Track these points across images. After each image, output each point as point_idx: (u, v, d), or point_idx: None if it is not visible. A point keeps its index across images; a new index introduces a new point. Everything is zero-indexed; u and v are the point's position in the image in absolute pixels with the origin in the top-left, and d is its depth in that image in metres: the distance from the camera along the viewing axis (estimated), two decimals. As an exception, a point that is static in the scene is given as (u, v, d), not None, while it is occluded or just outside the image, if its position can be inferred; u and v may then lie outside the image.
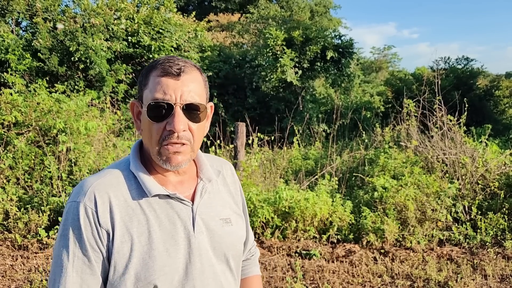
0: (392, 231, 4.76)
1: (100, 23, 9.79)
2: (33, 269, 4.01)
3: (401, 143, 7.19)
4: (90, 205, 1.03)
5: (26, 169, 6.01)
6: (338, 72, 11.11)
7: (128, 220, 1.05)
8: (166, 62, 1.06)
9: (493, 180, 5.73)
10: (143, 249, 1.03)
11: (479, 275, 4.01)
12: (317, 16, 21.44)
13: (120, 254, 1.02)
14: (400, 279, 3.92)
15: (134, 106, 1.15)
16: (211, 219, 1.15)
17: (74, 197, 1.06)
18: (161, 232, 1.06)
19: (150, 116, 1.05)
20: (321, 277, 3.91)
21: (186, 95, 1.05)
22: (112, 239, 1.03)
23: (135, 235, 1.04)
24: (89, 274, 1.02)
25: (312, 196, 4.97)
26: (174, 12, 12.08)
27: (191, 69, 1.09)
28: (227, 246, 1.17)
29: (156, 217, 1.07)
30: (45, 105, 6.58)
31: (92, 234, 1.02)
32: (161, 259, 1.04)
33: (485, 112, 11.98)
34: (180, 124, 1.04)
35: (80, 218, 1.02)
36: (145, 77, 1.09)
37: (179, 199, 1.11)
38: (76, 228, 1.02)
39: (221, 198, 1.23)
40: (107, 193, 1.05)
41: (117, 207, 1.05)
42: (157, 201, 1.09)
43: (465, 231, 4.92)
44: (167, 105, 1.04)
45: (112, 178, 1.09)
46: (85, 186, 1.07)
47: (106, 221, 1.03)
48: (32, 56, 9.10)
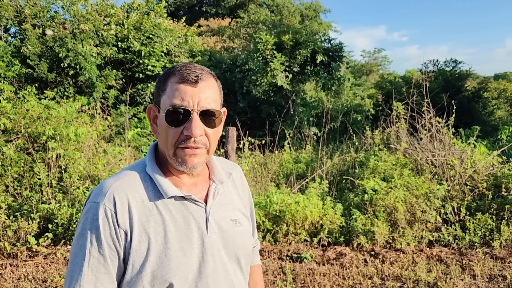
0: (382, 233, 4.79)
1: (89, 29, 9.77)
2: (22, 277, 3.98)
3: (390, 146, 7.25)
4: (109, 206, 1.07)
5: (16, 177, 5.96)
6: (328, 76, 11.18)
7: (145, 220, 1.09)
8: (184, 69, 1.11)
9: (481, 181, 5.80)
10: (159, 248, 1.08)
11: (468, 275, 4.06)
12: (307, 20, 21.58)
13: (138, 253, 1.06)
14: (390, 280, 3.95)
15: (151, 110, 1.19)
16: (222, 220, 1.20)
17: (94, 197, 1.10)
18: (177, 232, 1.11)
19: (168, 121, 1.09)
20: (312, 280, 3.92)
21: (203, 101, 1.09)
22: (130, 239, 1.06)
23: (152, 234, 1.08)
24: (103, 273, 1.06)
25: (302, 199, 5.00)
26: (164, 17, 12.10)
27: (207, 76, 1.13)
28: (238, 246, 1.21)
29: (171, 217, 1.11)
30: (34, 112, 6.55)
31: (110, 234, 1.06)
32: (177, 258, 1.08)
33: (473, 113, 12.12)
34: (197, 130, 1.08)
35: (99, 218, 1.06)
36: (163, 83, 1.12)
37: (194, 200, 1.15)
38: (95, 228, 1.06)
39: (231, 199, 1.27)
40: (125, 195, 1.09)
41: (135, 208, 1.09)
42: (172, 202, 1.13)
43: (454, 232, 4.97)
44: (184, 110, 1.08)
45: (130, 180, 1.13)
46: (104, 187, 1.11)
47: (125, 222, 1.07)
48: (21, 62, 9.05)
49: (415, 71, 15.60)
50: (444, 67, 13.49)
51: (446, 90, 11.91)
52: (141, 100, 10.38)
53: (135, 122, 9.93)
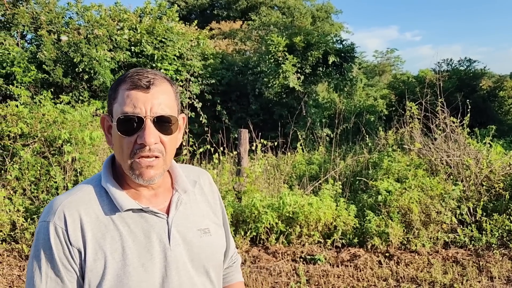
0: (397, 234, 4.75)
1: (103, 34, 9.91)
2: (40, 278, 4.05)
3: (404, 146, 7.19)
4: (60, 224, 1.02)
5: (32, 180, 6.07)
6: (341, 77, 11.14)
7: (100, 237, 1.03)
8: (135, 75, 1.05)
9: (497, 181, 5.71)
10: (117, 265, 1.02)
11: (485, 277, 4.00)
12: (318, 22, 21.55)
13: (93, 272, 1.01)
14: (405, 282, 3.92)
15: (105, 120, 1.13)
16: (188, 230, 1.13)
17: (44, 216, 1.05)
18: (136, 247, 1.05)
19: (120, 130, 1.04)
20: (326, 282, 3.91)
21: (156, 107, 1.04)
22: (85, 257, 1.01)
23: (108, 251, 1.03)
24: None
25: (316, 201, 4.98)
26: (176, 21, 12.20)
27: (161, 81, 1.07)
28: (206, 257, 1.15)
29: (130, 232, 1.06)
30: (50, 116, 6.66)
31: (64, 254, 1.01)
32: (137, 275, 1.03)
33: (489, 113, 11.94)
34: (151, 137, 1.03)
35: (51, 238, 1.01)
36: (114, 90, 1.07)
37: (153, 212, 1.10)
38: (48, 248, 1.01)
39: (199, 208, 1.21)
40: (77, 211, 1.04)
41: (88, 224, 1.03)
42: (130, 216, 1.08)
43: (470, 233, 4.91)
44: (137, 118, 1.02)
45: (82, 195, 1.08)
46: (54, 205, 1.05)
47: (77, 240, 1.02)
48: (37, 68, 9.21)
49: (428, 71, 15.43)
50: (458, 67, 13.34)
51: (460, 89, 11.77)
52: (154, 104, 10.46)
53: (148, 125, 10.01)
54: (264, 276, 4.05)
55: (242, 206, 5.01)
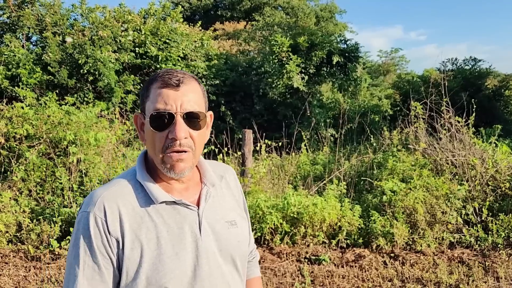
0: (402, 234, 4.73)
1: (108, 35, 9.95)
2: (45, 279, 4.07)
3: (409, 146, 7.16)
4: (99, 215, 1.08)
5: (38, 181, 6.10)
6: (345, 77, 11.12)
7: (137, 227, 1.09)
8: (165, 75, 1.12)
9: (503, 181, 5.68)
10: (152, 254, 1.08)
11: (491, 277, 3.97)
12: (322, 22, 21.51)
13: (131, 260, 1.07)
14: (410, 282, 3.90)
15: (138, 118, 1.21)
16: (216, 222, 1.20)
17: (84, 207, 1.12)
18: (170, 237, 1.11)
19: (153, 126, 1.10)
20: (331, 282, 3.90)
21: (185, 104, 1.10)
22: (122, 246, 1.07)
23: (144, 241, 1.08)
24: (98, 281, 1.07)
25: (320, 201, 4.97)
26: (180, 22, 12.23)
27: (189, 80, 1.14)
28: (233, 248, 1.22)
29: (164, 223, 1.12)
30: (55, 117, 6.70)
31: (102, 242, 1.06)
32: (171, 263, 1.09)
33: (494, 112, 11.87)
34: (182, 132, 1.09)
35: (90, 227, 1.07)
36: (146, 89, 1.15)
37: (185, 204, 1.16)
38: (87, 237, 1.07)
39: (226, 201, 1.28)
40: (116, 203, 1.10)
41: (126, 215, 1.09)
42: (164, 208, 1.14)
43: (476, 233, 4.88)
44: (168, 114, 1.09)
45: (120, 188, 1.14)
46: (94, 196, 1.12)
47: (116, 230, 1.07)
48: (42, 69, 9.27)
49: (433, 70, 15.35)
50: (463, 66, 13.26)
51: (465, 89, 11.71)
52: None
53: (153, 126, 10.04)
54: (269, 277, 4.05)
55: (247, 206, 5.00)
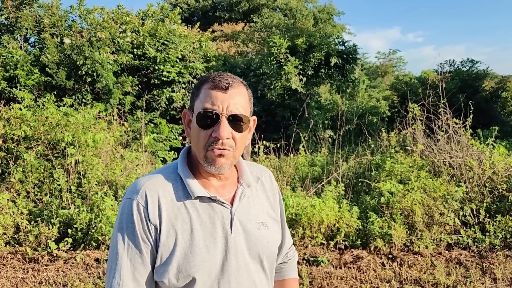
0: (400, 236, 4.75)
1: (106, 36, 9.94)
2: (43, 281, 4.06)
3: (407, 148, 7.18)
4: (142, 202, 1.16)
5: (36, 183, 6.09)
6: (343, 78, 11.13)
7: (173, 217, 1.16)
8: (217, 77, 1.19)
9: (501, 183, 5.70)
10: (185, 244, 1.15)
11: (489, 278, 3.99)
12: (320, 23, 21.55)
13: (165, 247, 1.14)
14: (408, 284, 3.91)
15: (186, 115, 1.28)
16: (248, 222, 1.25)
17: (128, 194, 1.20)
18: (202, 230, 1.17)
19: (199, 124, 1.18)
20: (329, 284, 3.91)
21: (232, 106, 1.17)
22: (159, 233, 1.15)
23: (179, 231, 1.15)
24: (140, 263, 1.15)
25: (318, 202, 4.98)
26: (178, 23, 12.23)
27: (238, 84, 1.21)
28: (262, 248, 1.25)
29: (198, 216, 1.18)
30: (53, 119, 6.69)
31: (143, 228, 1.14)
32: (201, 255, 1.15)
33: (492, 114, 11.91)
34: (225, 132, 1.15)
35: (134, 214, 1.15)
36: (197, 89, 1.22)
37: (220, 201, 1.22)
38: (130, 222, 1.15)
39: (259, 203, 1.32)
40: (156, 193, 1.18)
41: (164, 205, 1.17)
42: (199, 203, 1.20)
43: (474, 235, 4.90)
44: (214, 114, 1.16)
45: (161, 179, 1.21)
46: (138, 185, 1.20)
47: (155, 217, 1.15)
48: (40, 71, 9.25)
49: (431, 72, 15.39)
50: (460, 67, 13.31)
51: (463, 90, 11.75)
52: (157, 106, 10.49)
53: (151, 128, 10.04)
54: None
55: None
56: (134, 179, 6.39)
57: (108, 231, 4.76)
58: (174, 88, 10.70)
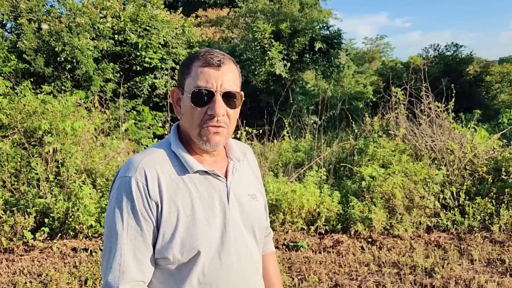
0: (380, 219, 4.75)
1: (85, 22, 9.70)
2: (17, 271, 3.98)
3: (390, 132, 7.18)
4: (141, 180, 1.14)
5: (13, 172, 5.95)
6: (327, 63, 11.06)
7: (173, 193, 1.16)
8: (208, 54, 1.19)
9: (481, 165, 5.73)
10: (187, 218, 1.15)
11: (466, 259, 4.02)
12: (307, 8, 21.32)
13: (168, 223, 1.14)
14: (386, 267, 3.92)
15: (175, 93, 1.27)
16: (241, 194, 1.27)
17: (124, 173, 1.17)
18: (202, 204, 1.18)
19: (193, 102, 1.17)
20: (308, 268, 3.90)
21: (225, 84, 1.18)
22: (161, 210, 1.14)
23: (180, 206, 1.15)
24: (141, 242, 1.13)
25: (299, 188, 4.96)
26: (161, 9, 11.98)
27: (229, 61, 1.22)
28: (254, 219, 1.29)
29: (197, 190, 1.19)
30: (30, 106, 6.53)
31: (143, 206, 1.13)
32: (203, 227, 1.16)
33: (475, 98, 11.98)
34: (220, 109, 1.16)
35: (133, 191, 1.13)
36: (187, 66, 1.21)
37: (216, 175, 1.23)
38: (130, 200, 1.13)
39: (248, 176, 1.36)
40: (155, 169, 1.17)
41: (163, 181, 1.16)
42: (197, 177, 1.21)
43: (453, 217, 4.92)
44: (208, 92, 1.16)
45: (158, 156, 1.21)
46: (134, 162, 1.18)
47: (156, 194, 1.14)
48: (17, 58, 9.01)
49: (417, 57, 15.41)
50: (445, 52, 13.31)
51: (447, 74, 11.77)
52: (139, 93, 10.33)
53: (133, 115, 9.90)
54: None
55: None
56: (114, 167, 6.29)
57: (85, 219, 4.67)
58: (157, 75, 10.53)
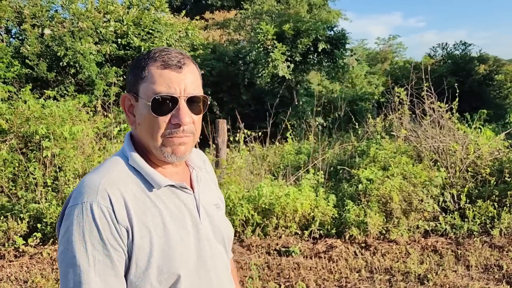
0: (376, 224, 4.61)
1: (88, 26, 9.76)
2: (5, 278, 3.96)
3: (392, 133, 7.02)
4: (105, 204, 0.98)
5: (10, 177, 5.98)
6: (332, 64, 10.93)
7: (142, 214, 1.02)
8: (164, 55, 1.05)
9: (484, 167, 5.55)
10: (160, 240, 1.02)
11: (462, 265, 3.86)
12: (315, 9, 21.20)
13: (141, 250, 1.00)
14: (378, 273, 3.79)
15: (126, 99, 1.11)
16: (208, 205, 1.18)
17: (80, 198, 0.99)
18: (173, 221, 1.07)
19: (154, 110, 1.03)
20: (297, 275, 3.79)
21: (189, 87, 1.05)
22: (132, 235, 1.00)
23: (151, 228, 1.02)
24: (112, 276, 0.98)
25: (292, 191, 4.85)
26: (166, 12, 12.01)
27: (189, 61, 1.08)
28: (223, 229, 1.20)
29: (166, 207, 1.07)
30: (29, 111, 6.55)
31: (111, 234, 0.97)
32: (179, 248, 1.05)
33: (484, 97, 11.68)
34: (187, 117, 1.04)
35: (96, 219, 0.97)
36: (141, 69, 1.05)
37: (183, 188, 1.12)
38: (94, 230, 0.97)
39: (209, 185, 1.26)
40: (118, 190, 1.01)
41: (130, 202, 1.01)
42: (164, 193, 1.08)
43: (453, 221, 4.76)
44: (172, 98, 1.03)
45: (118, 174, 1.05)
46: (92, 184, 1.01)
47: (124, 218, 0.99)
48: (21, 63, 9.10)
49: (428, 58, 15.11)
50: (453, 51, 13.03)
51: (455, 74, 11.53)
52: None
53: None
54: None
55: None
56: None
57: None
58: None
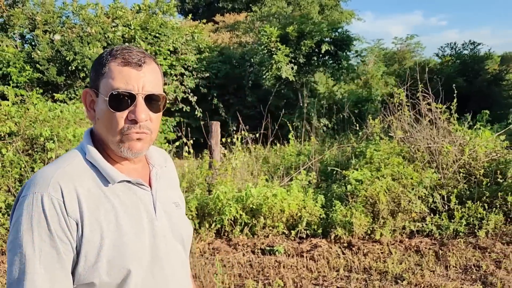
0: (362, 224, 4.67)
1: (97, 31, 10.05)
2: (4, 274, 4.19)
3: (390, 134, 7.04)
4: (56, 195, 0.99)
5: (17, 177, 6.25)
6: (336, 65, 10.95)
7: (95, 208, 1.04)
8: (126, 52, 1.08)
9: (479, 168, 5.53)
10: (113, 236, 1.03)
11: (441, 266, 3.90)
12: (327, 10, 21.19)
13: (90, 244, 1.01)
14: (356, 272, 3.86)
15: (87, 94, 1.13)
16: (166, 203, 1.20)
17: (32, 188, 1.01)
18: (128, 217, 1.08)
19: (112, 106, 1.05)
20: (277, 273, 3.89)
21: (147, 86, 1.07)
22: (82, 228, 1.01)
23: (104, 223, 1.03)
24: (58, 269, 0.99)
25: (280, 192, 4.95)
26: (174, 16, 12.24)
27: (150, 60, 1.11)
28: (181, 227, 1.22)
29: (121, 203, 1.08)
30: (35, 113, 6.83)
31: (60, 226, 0.98)
32: (132, 244, 1.06)
33: (493, 97, 11.50)
34: (143, 114, 1.06)
35: (46, 210, 0.98)
36: (102, 66, 1.08)
37: (140, 184, 1.14)
38: (42, 221, 0.97)
39: (169, 184, 1.28)
40: (72, 182, 1.03)
41: (83, 196, 1.03)
42: (120, 188, 1.10)
43: (440, 222, 4.78)
44: (129, 94, 1.05)
45: (72, 168, 1.07)
46: (45, 176, 1.03)
47: (75, 211, 1.00)
48: (33, 68, 9.44)
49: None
50: (462, 50, 12.87)
51: (464, 74, 11.40)
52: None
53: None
54: (216, 269, 4.06)
55: (208, 198, 5.03)
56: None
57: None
58: (166, 81, 10.75)
